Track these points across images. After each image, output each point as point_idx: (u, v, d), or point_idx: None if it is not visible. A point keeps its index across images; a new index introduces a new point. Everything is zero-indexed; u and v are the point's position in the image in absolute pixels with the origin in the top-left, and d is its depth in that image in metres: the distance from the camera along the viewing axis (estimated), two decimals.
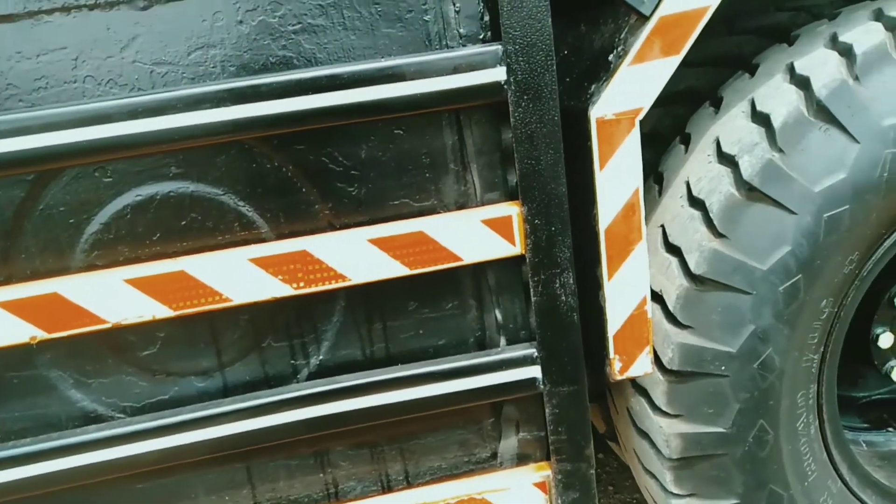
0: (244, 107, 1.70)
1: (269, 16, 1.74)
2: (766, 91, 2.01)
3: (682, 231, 2.02)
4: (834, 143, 1.88)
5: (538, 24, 1.73)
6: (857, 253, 1.96)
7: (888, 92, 1.87)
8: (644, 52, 1.78)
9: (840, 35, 1.96)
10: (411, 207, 1.88)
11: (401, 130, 1.83)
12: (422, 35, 1.80)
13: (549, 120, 1.79)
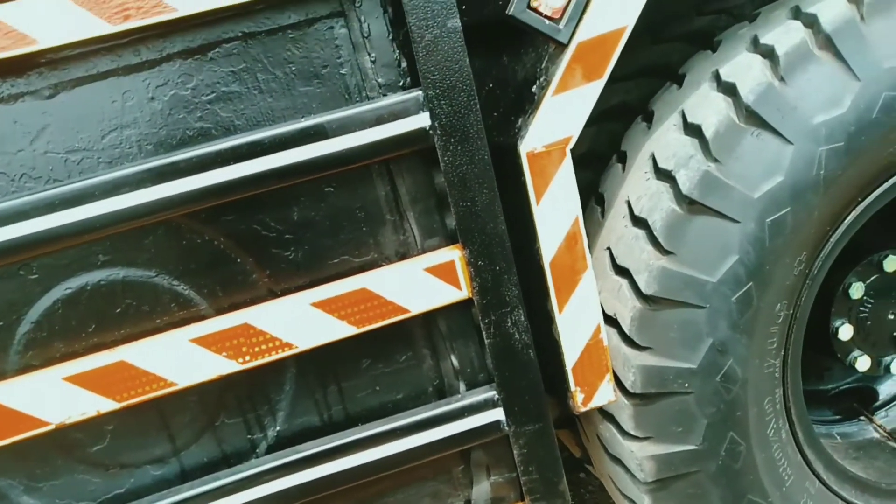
0: (166, 185, 1.65)
1: (181, 88, 1.70)
2: (695, 101, 2.00)
3: (628, 252, 2.00)
4: (768, 146, 1.88)
5: (456, 65, 1.71)
6: (804, 253, 1.96)
7: (815, 90, 1.87)
8: (566, 80, 1.76)
9: (761, 37, 1.95)
10: (352, 264, 1.84)
11: (331, 187, 1.79)
12: (341, 89, 1.76)
13: (480, 160, 1.76)
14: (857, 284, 2.29)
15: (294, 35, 1.72)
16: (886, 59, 1.85)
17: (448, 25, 1.68)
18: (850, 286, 2.29)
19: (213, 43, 1.68)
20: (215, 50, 1.69)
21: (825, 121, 1.85)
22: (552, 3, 1.72)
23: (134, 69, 1.67)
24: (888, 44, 1.85)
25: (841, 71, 1.85)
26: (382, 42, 1.74)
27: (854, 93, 1.85)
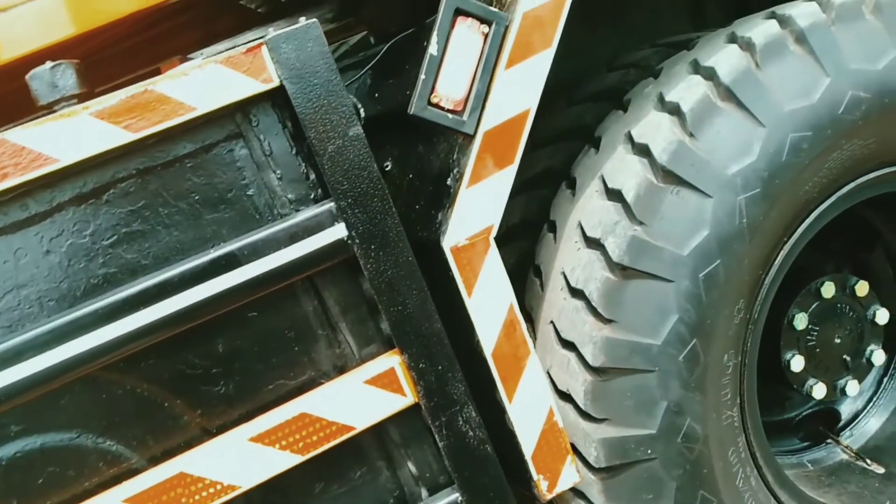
0: (73, 343, 1.54)
1: (78, 237, 1.61)
2: (613, 165, 1.99)
3: (571, 325, 1.97)
4: (689, 202, 1.87)
5: (364, 172, 1.66)
6: (742, 300, 1.95)
7: (724, 141, 1.88)
8: (479, 170, 1.73)
9: (666, 94, 1.97)
10: (288, 387, 1.75)
11: (255, 312, 1.71)
12: (250, 210, 1.70)
13: (405, 262, 1.71)
14: (801, 315, 2.30)
15: (193, 163, 1.65)
16: (786, 103, 1.88)
17: (350, 134, 1.64)
18: (794, 318, 2.30)
19: (106, 185, 1.60)
20: (110, 191, 1.61)
21: (739, 170, 1.86)
22: (452, 96, 1.70)
23: (23, 224, 1.57)
24: (785, 87, 1.89)
25: (745, 119, 1.88)
26: (286, 157, 1.69)
27: (761, 139, 1.87)
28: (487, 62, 1.70)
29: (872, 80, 1.91)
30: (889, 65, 1.92)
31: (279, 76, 1.59)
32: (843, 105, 1.89)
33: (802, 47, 1.91)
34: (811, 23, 1.92)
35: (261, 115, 1.66)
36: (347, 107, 1.63)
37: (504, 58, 1.70)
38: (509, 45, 1.70)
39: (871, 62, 1.92)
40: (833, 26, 1.93)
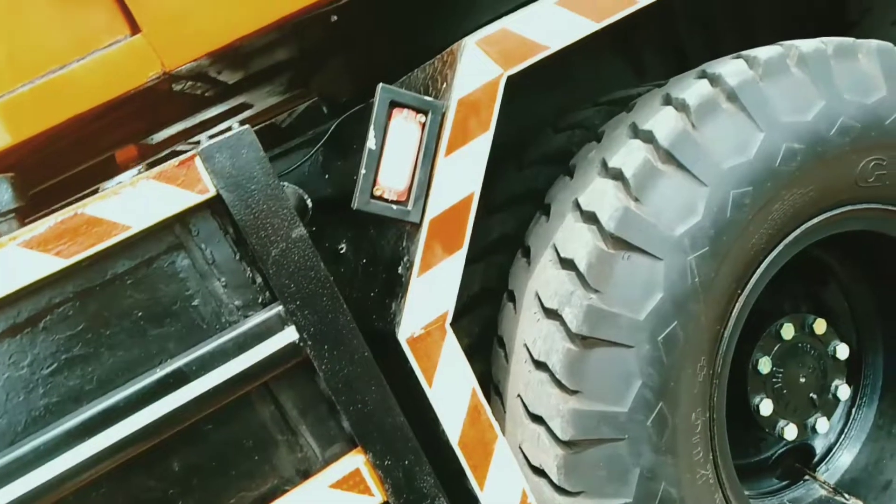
0: (16, 484, 1.47)
1: (15, 369, 1.54)
2: (564, 234, 1.99)
3: (537, 398, 1.94)
4: (640, 267, 1.87)
5: (311, 272, 1.63)
6: (703, 357, 1.95)
7: (668, 203, 1.89)
8: (428, 258, 1.71)
9: (609, 160, 1.98)
10: (251, 498, 1.69)
11: (210, 426, 1.65)
12: (197, 321, 1.65)
13: (360, 359, 1.67)
14: (764, 359, 2.31)
15: (133, 280, 1.60)
16: (724, 160, 1.90)
17: (293, 236, 1.61)
18: (758, 363, 2.31)
19: (42, 311, 1.55)
20: (47, 318, 1.55)
21: (686, 230, 1.87)
22: (395, 187, 1.69)
23: None
24: (722, 145, 1.91)
25: (687, 180, 1.89)
26: (230, 264, 1.65)
27: (704, 198, 1.88)
28: (427, 151, 1.70)
29: (804, 131, 1.95)
30: (818, 115, 1.96)
31: (215, 186, 1.56)
32: (779, 157, 1.92)
33: (734, 105, 1.95)
34: (740, 80, 1.96)
35: (200, 224, 1.62)
36: (288, 209, 1.60)
37: (443, 145, 1.70)
38: (447, 133, 1.70)
39: (801, 114, 1.96)
40: (761, 82, 1.97)
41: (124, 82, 1.88)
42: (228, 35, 2.07)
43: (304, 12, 2.23)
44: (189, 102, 2.60)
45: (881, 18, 3.05)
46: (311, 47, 2.81)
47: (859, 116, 1.99)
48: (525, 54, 1.74)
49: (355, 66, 3.09)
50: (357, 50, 3.02)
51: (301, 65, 2.90)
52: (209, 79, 2.37)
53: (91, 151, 2.68)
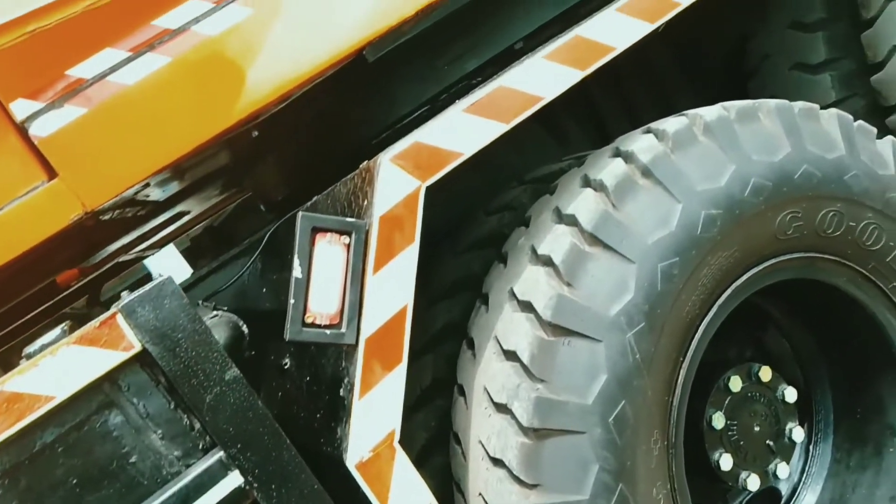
0: None
1: None
2: (504, 325, 2.00)
3: (498, 496, 1.92)
4: (581, 351, 1.89)
5: (249, 412, 1.60)
6: (656, 430, 1.96)
7: (600, 284, 1.92)
8: (367, 379, 1.69)
9: (538, 247, 2.01)
10: None
11: None
12: (137, 478, 1.59)
13: (310, 493, 1.64)
14: (717, 415, 2.33)
15: (64, 446, 1.54)
16: (648, 235, 1.95)
17: (227, 378, 1.58)
18: (712, 419, 2.33)
19: None
20: None
21: (621, 309, 1.90)
22: (326, 311, 1.68)
23: None
24: (643, 221, 1.96)
25: (615, 259, 1.93)
26: (166, 414, 1.61)
27: (634, 275, 1.92)
28: (355, 271, 1.70)
29: (720, 196, 2.01)
30: (730, 179, 2.03)
31: (140, 341, 1.53)
32: (699, 225, 1.98)
33: (650, 180, 2.00)
34: (652, 156, 2.03)
35: (130, 378, 1.58)
36: (219, 352, 1.58)
37: (370, 263, 1.70)
38: (373, 251, 1.70)
39: (715, 180, 2.02)
40: (673, 154, 2.04)
41: (46, 227, 1.87)
42: (147, 168, 2.07)
43: (223, 135, 2.24)
44: (122, 224, 2.57)
45: (780, 64, 3.21)
46: (239, 157, 2.82)
47: (769, 175, 2.07)
48: (440, 163, 1.77)
49: (287, 166, 3.11)
50: (287, 152, 3.04)
51: (233, 171, 2.90)
52: (138, 202, 2.36)
53: (27, 284, 2.61)
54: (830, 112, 2.27)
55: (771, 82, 3.27)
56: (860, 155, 2.20)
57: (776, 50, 3.22)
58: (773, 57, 3.23)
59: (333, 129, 3.04)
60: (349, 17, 2.28)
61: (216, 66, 2.23)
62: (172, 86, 2.18)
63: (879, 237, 2.19)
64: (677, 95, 3.48)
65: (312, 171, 3.14)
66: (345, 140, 3.12)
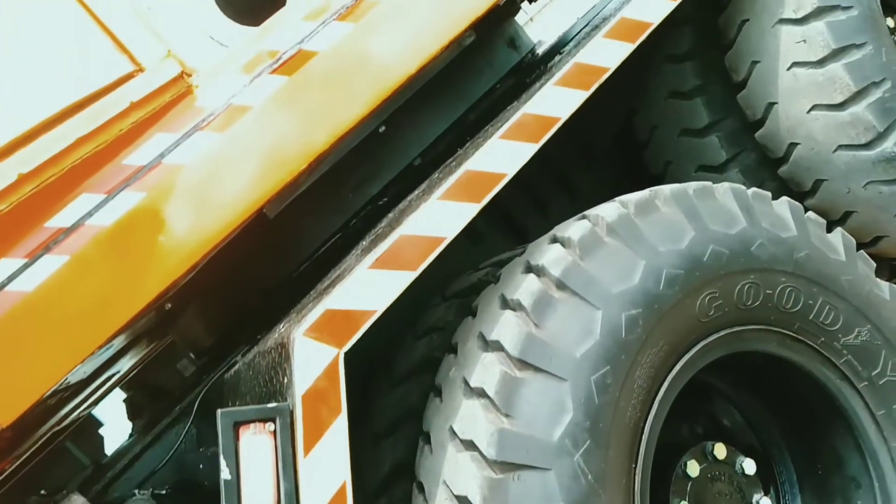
0: None
1: None
2: (450, 468, 1.94)
3: None
4: (532, 484, 1.82)
5: None
6: None
7: (537, 409, 1.87)
8: None
9: (469, 379, 1.97)
10: None
11: None
12: None
13: None
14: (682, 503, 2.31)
15: None
16: (576, 349, 1.92)
17: None
18: None
19: None
20: None
21: (563, 431, 1.85)
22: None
23: None
24: (569, 336, 1.95)
25: (548, 380, 1.90)
26: None
27: (569, 393, 1.88)
28: (285, 458, 1.62)
29: (637, 295, 2.03)
30: (643, 275, 2.05)
31: None
32: (623, 329, 1.98)
33: (565, 292, 2.01)
34: (563, 267, 2.03)
35: None
36: None
37: (300, 446, 1.63)
38: (300, 432, 1.63)
39: (628, 279, 2.04)
40: (582, 262, 2.06)
41: None
42: (61, 370, 2.01)
43: (135, 320, 2.18)
44: (51, 405, 2.46)
45: (668, 132, 3.34)
46: (156, 323, 2.75)
47: (679, 263, 2.10)
48: (354, 326, 1.73)
49: (209, 316, 3.04)
50: (205, 307, 2.99)
51: (155, 330, 2.83)
52: (58, 391, 2.26)
53: None
54: (724, 187, 2.35)
55: (663, 150, 3.41)
56: (761, 223, 2.27)
57: (662, 120, 3.36)
58: (661, 127, 3.38)
59: (250, 276, 3.00)
60: (244, 182, 2.27)
61: (117, 255, 2.19)
62: (74, 284, 2.13)
63: (797, 298, 2.24)
64: (579, 177, 3.58)
65: (236, 315, 3.07)
66: (265, 281, 3.08)
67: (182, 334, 3.03)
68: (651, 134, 3.41)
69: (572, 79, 2.18)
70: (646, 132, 3.44)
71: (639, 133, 3.47)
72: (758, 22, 2.94)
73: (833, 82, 2.74)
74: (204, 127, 2.25)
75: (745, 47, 3.00)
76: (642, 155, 3.52)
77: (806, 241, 2.30)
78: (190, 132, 2.25)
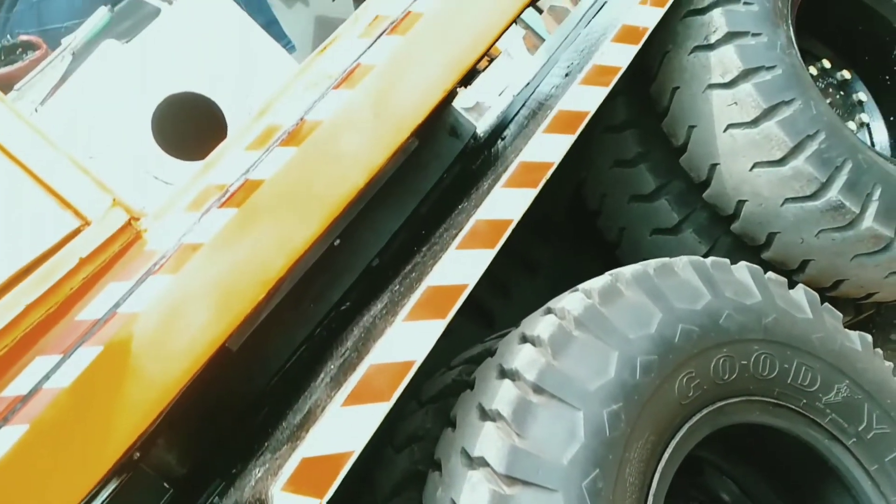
0: None
1: None
2: None
3: None
4: None
5: None
6: None
7: None
8: None
9: (470, 451, 1.93)
10: None
11: None
12: None
13: None
14: None
15: None
16: (562, 457, 1.88)
17: None
18: None
19: None
20: None
21: None
22: None
23: None
24: (554, 444, 1.90)
25: (545, 498, 1.85)
26: None
27: None
28: None
29: (615, 389, 2.00)
30: (618, 366, 2.03)
31: None
32: (606, 427, 1.95)
33: (543, 395, 1.97)
34: (538, 370, 2.00)
35: None
36: None
37: None
38: None
39: (603, 374, 2.02)
40: (555, 361, 2.03)
41: None
42: None
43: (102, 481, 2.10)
44: None
45: (618, 199, 3.39)
46: None
47: (651, 348, 2.09)
48: (333, 471, 1.67)
49: (180, 448, 2.95)
50: (175, 441, 2.90)
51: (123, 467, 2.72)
52: None
53: None
54: (682, 261, 2.36)
55: (616, 217, 3.45)
56: (725, 293, 2.29)
57: (610, 188, 3.42)
58: (610, 195, 3.43)
59: (217, 404, 2.92)
60: (203, 321, 2.22)
61: (80, 416, 2.10)
62: (37, 454, 2.04)
63: (773, 364, 2.24)
64: (537, 252, 3.60)
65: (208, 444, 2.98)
66: (233, 405, 3.00)
67: (152, 465, 2.94)
68: (601, 202, 3.46)
69: (519, 178, 2.20)
70: (596, 201, 3.49)
71: (589, 202, 3.52)
72: (688, 89, 3.03)
73: (769, 140, 2.82)
74: (157, 271, 2.21)
75: (680, 113, 3.08)
76: (595, 223, 3.57)
77: (772, 304, 2.32)
78: (143, 278, 2.20)
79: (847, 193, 2.76)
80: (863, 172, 2.79)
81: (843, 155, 2.79)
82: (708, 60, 2.95)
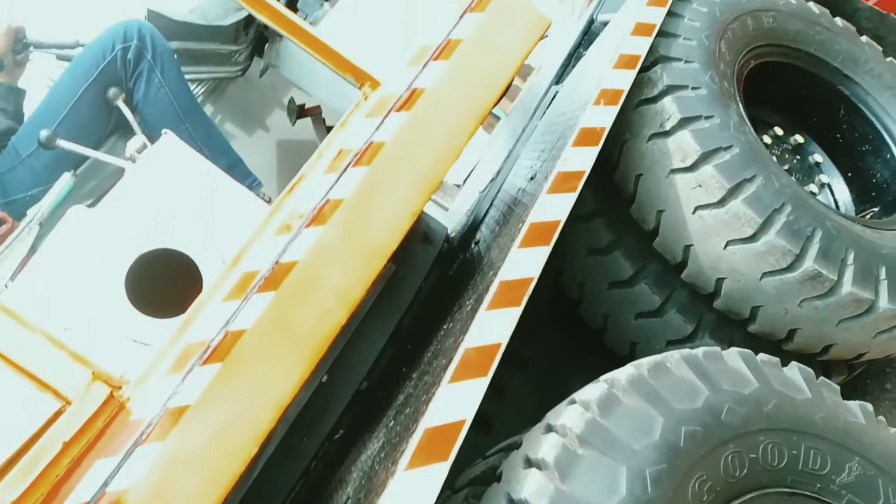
0: None
1: None
2: None
3: None
4: None
5: None
6: None
7: None
8: None
9: None
10: None
11: None
12: None
13: None
14: None
15: None
16: None
17: None
18: None
19: None
20: None
21: None
22: None
23: None
24: None
25: None
26: None
27: None
28: None
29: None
30: (628, 482, 1.98)
31: None
32: None
33: None
34: (548, 499, 1.96)
35: None
36: None
37: None
38: None
39: (613, 492, 1.96)
40: (563, 485, 1.98)
41: None
42: None
43: None
44: None
45: (597, 287, 3.39)
46: None
47: (657, 458, 2.03)
48: None
49: None
50: None
51: None
52: None
53: None
54: (675, 357, 2.35)
55: (597, 304, 3.46)
56: (721, 385, 2.27)
57: (587, 277, 3.43)
58: (588, 283, 3.44)
59: None
60: (197, 484, 2.14)
61: None
62: None
63: (781, 452, 2.21)
64: (526, 350, 3.57)
65: None
66: None
67: None
68: (581, 291, 3.46)
69: (502, 298, 2.20)
70: (576, 290, 3.50)
71: (569, 291, 3.53)
72: (651, 175, 3.09)
73: (738, 218, 2.87)
74: (144, 441, 2.13)
75: (647, 199, 3.13)
76: (578, 312, 3.56)
77: (769, 389, 2.30)
78: (130, 450, 2.12)
79: (822, 261, 2.80)
80: (833, 239, 2.83)
81: (812, 224, 2.84)
82: (666, 146, 3.02)
